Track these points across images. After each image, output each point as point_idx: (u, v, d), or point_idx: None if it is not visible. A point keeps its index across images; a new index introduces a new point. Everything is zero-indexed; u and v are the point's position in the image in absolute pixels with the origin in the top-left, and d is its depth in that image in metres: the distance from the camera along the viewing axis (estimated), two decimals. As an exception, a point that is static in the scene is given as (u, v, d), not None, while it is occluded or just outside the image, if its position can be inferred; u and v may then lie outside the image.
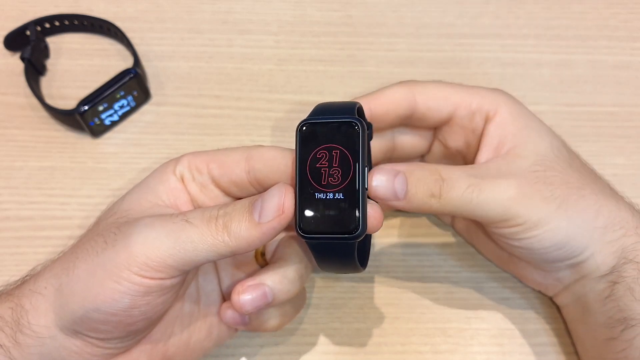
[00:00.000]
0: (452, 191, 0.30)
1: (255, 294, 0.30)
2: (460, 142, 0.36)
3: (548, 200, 0.31)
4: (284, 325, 0.33)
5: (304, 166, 0.27)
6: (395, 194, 0.30)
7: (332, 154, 0.27)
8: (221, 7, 0.51)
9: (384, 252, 0.41)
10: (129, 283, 0.27)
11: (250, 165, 0.30)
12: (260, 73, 0.48)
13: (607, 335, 0.32)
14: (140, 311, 0.28)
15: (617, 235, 0.32)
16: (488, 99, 0.34)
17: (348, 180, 0.27)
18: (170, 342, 0.32)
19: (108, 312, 0.27)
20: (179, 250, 0.27)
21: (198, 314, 0.33)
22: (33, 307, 0.28)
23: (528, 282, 0.38)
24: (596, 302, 0.33)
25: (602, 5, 0.52)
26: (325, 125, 0.28)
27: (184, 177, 0.31)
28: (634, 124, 0.46)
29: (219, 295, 0.34)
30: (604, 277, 0.32)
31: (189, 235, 0.27)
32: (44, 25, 0.48)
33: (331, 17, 0.51)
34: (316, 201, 0.27)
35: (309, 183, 0.27)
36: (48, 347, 0.28)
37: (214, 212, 0.28)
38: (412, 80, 0.35)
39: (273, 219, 0.27)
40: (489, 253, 0.39)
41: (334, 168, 0.27)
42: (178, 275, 0.28)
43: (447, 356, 0.37)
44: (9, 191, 0.42)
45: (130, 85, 0.44)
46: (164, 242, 0.27)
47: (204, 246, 0.27)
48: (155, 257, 0.27)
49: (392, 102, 0.34)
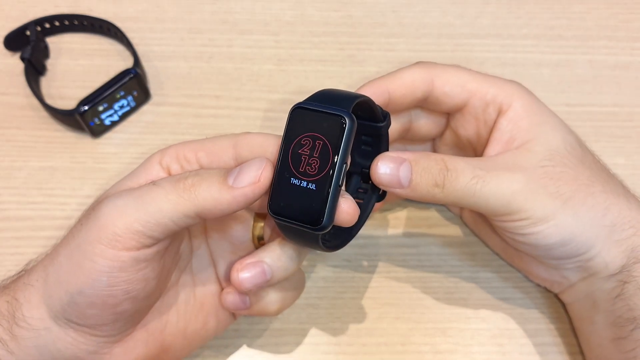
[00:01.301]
0: (455, 182, 0.30)
1: (255, 271, 0.30)
2: (471, 132, 0.36)
3: (554, 196, 0.31)
4: (285, 309, 0.34)
5: (287, 149, 0.28)
6: (400, 182, 0.30)
7: (316, 144, 0.27)
8: (221, 7, 0.51)
9: (384, 252, 0.41)
10: (103, 259, 0.27)
11: (238, 152, 0.29)
12: (260, 73, 0.48)
13: (615, 335, 0.32)
14: (122, 289, 0.27)
15: (626, 235, 0.32)
16: (504, 90, 0.34)
17: (323, 173, 0.27)
18: (166, 331, 0.32)
19: (91, 295, 0.27)
20: (144, 213, 0.27)
21: (194, 302, 0.33)
22: (26, 300, 0.29)
23: (533, 277, 0.38)
24: (605, 301, 0.33)
25: (602, 5, 0.52)
26: (315, 114, 0.27)
27: (171, 169, 0.31)
28: (634, 124, 0.46)
29: (215, 283, 0.34)
30: (613, 276, 0.32)
31: (153, 196, 0.27)
32: (44, 25, 0.48)
33: (331, 17, 0.51)
34: (290, 185, 0.27)
35: (288, 167, 0.27)
36: (44, 339, 0.29)
37: (184, 174, 0.28)
38: (430, 62, 0.35)
39: (246, 185, 0.27)
40: (495, 246, 0.40)
41: (314, 158, 0.27)
42: (150, 244, 0.27)
43: (447, 356, 0.37)
44: (9, 191, 0.42)
45: (130, 85, 0.44)
46: (130, 207, 0.27)
47: (168, 205, 0.27)
48: (121, 224, 0.27)
49: (411, 84, 0.34)
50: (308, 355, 0.37)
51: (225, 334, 0.37)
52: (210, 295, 0.33)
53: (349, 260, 0.40)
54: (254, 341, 0.38)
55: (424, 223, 0.42)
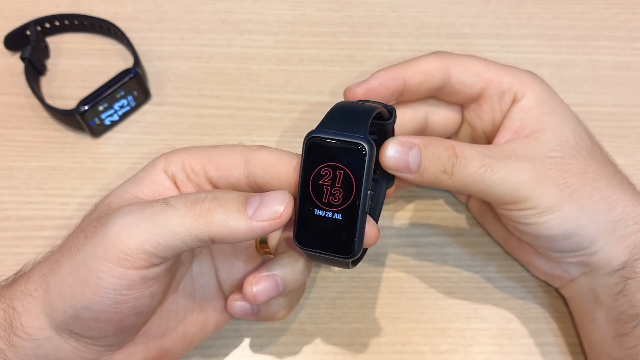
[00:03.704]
0: (464, 169, 0.30)
1: (268, 285, 0.30)
2: (487, 123, 0.36)
3: (560, 187, 0.31)
4: (290, 313, 0.34)
5: (306, 180, 0.27)
6: (408, 166, 0.30)
7: (336, 174, 0.27)
8: (221, 7, 0.51)
9: (384, 252, 0.41)
10: (111, 277, 0.26)
11: (249, 170, 0.29)
12: (260, 73, 0.48)
13: (617, 331, 0.32)
14: (129, 306, 0.27)
15: (630, 231, 0.32)
16: (519, 80, 0.34)
17: (349, 203, 0.27)
18: (166, 336, 0.32)
19: (97, 310, 0.27)
20: (155, 234, 0.26)
21: (193, 307, 0.33)
22: (25, 310, 0.28)
23: (534, 270, 0.38)
24: (607, 297, 0.33)
25: (602, 5, 0.52)
26: (332, 142, 0.27)
27: (176, 179, 0.30)
28: (634, 124, 0.46)
29: (215, 286, 0.34)
30: (615, 272, 0.32)
31: (167, 218, 0.26)
32: (44, 25, 0.48)
33: (331, 17, 0.51)
34: (315, 217, 0.27)
35: (310, 198, 0.27)
36: (44, 349, 0.28)
37: (200, 195, 0.27)
38: (446, 52, 0.35)
39: (266, 220, 0.27)
40: (498, 236, 0.40)
41: (336, 188, 0.27)
42: (159, 263, 0.27)
43: (447, 356, 0.37)
44: (9, 191, 0.42)
45: (130, 85, 0.44)
46: (141, 227, 0.26)
47: (182, 229, 0.26)
48: (132, 244, 0.26)
49: (427, 73, 0.34)
50: (308, 355, 0.37)
51: (225, 334, 0.37)
52: (210, 299, 0.33)
53: (349, 260, 0.40)
54: (254, 341, 0.38)
55: (424, 223, 0.42)
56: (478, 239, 0.41)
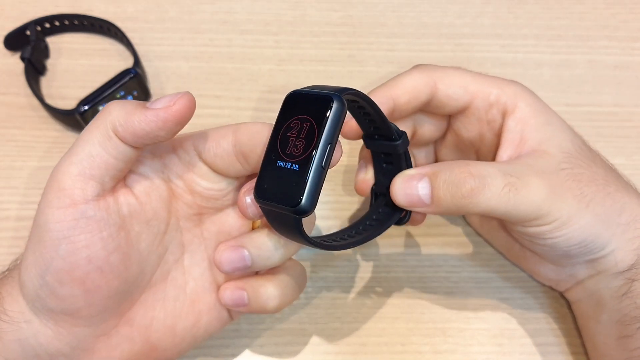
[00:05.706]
0: (486, 190, 0.29)
1: (234, 255, 0.30)
2: (474, 133, 0.35)
3: (578, 198, 0.31)
4: (285, 306, 0.33)
5: (276, 133, 0.27)
6: (421, 200, 0.29)
7: (303, 125, 0.26)
8: (221, 7, 0.51)
9: (384, 252, 0.41)
10: (55, 223, 0.26)
11: (237, 138, 0.29)
12: (260, 73, 0.48)
13: (621, 333, 0.32)
14: (83, 257, 0.27)
15: (638, 233, 0.32)
16: (506, 91, 0.33)
17: (307, 154, 0.26)
18: (152, 328, 0.31)
19: (57, 269, 0.27)
20: (74, 154, 0.27)
21: (184, 299, 0.32)
22: (8, 293, 0.28)
23: (539, 277, 0.38)
24: (611, 298, 0.33)
25: (602, 5, 0.52)
26: (306, 97, 0.27)
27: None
28: (634, 124, 0.46)
29: (209, 280, 0.33)
30: (621, 274, 0.32)
31: (81, 138, 0.27)
32: (44, 25, 0.48)
33: (331, 17, 0.51)
34: (276, 168, 0.27)
35: (276, 150, 0.27)
36: (25, 332, 0.28)
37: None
38: (429, 65, 0.34)
39: (161, 108, 0.27)
40: (500, 246, 0.39)
41: (300, 139, 0.26)
42: (95, 190, 0.27)
43: (447, 356, 0.37)
44: (9, 191, 0.42)
45: (130, 85, 0.44)
46: (73, 161, 0.27)
47: (89, 135, 0.27)
48: (62, 176, 0.27)
49: (414, 90, 0.33)
50: (308, 355, 0.37)
51: (225, 334, 0.37)
52: (202, 293, 0.32)
53: (349, 260, 0.40)
54: (254, 341, 0.38)
55: (424, 223, 0.42)
56: (478, 239, 0.41)
